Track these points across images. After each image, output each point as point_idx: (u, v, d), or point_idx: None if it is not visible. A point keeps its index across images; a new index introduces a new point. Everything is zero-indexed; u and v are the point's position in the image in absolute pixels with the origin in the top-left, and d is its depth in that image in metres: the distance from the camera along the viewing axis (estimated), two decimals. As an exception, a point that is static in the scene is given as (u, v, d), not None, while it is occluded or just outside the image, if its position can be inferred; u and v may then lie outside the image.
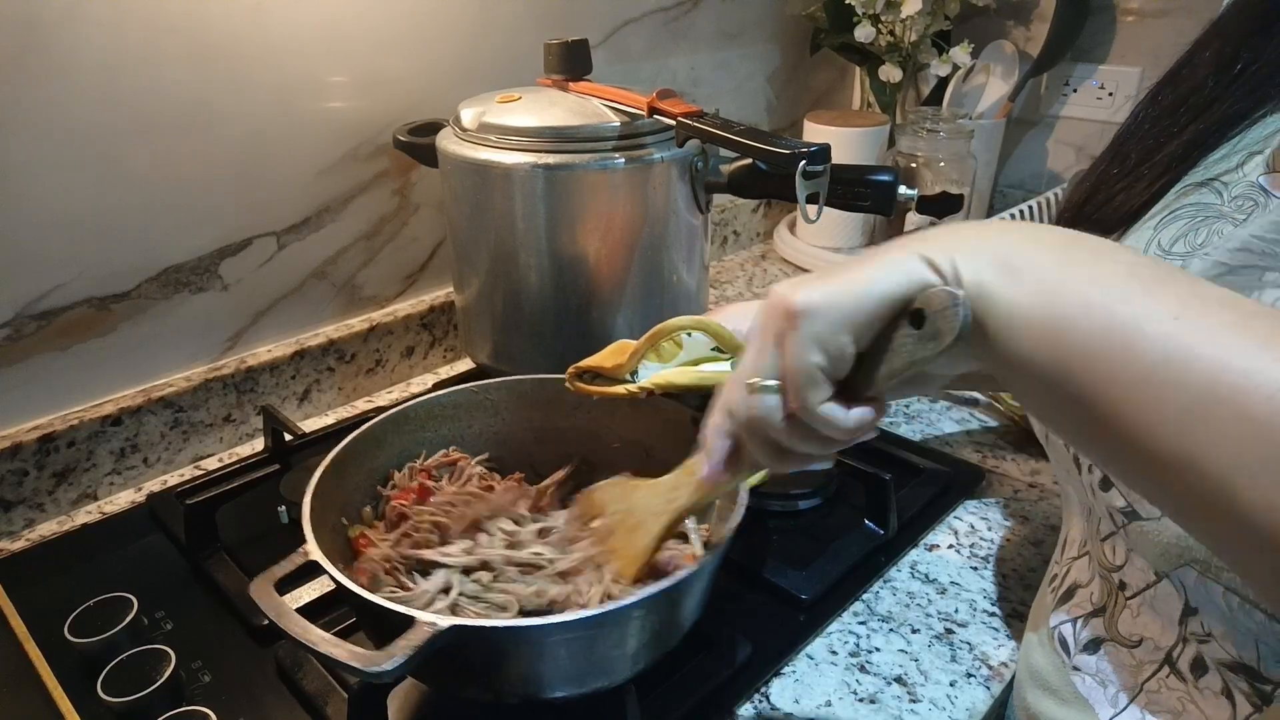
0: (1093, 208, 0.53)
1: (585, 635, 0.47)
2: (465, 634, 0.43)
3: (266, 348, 0.87)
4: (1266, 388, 0.27)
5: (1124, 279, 0.32)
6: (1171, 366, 0.29)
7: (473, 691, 0.51)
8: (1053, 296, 0.32)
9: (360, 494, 0.61)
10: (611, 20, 1.06)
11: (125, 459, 0.78)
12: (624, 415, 0.66)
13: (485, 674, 0.48)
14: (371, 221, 0.91)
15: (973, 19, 1.29)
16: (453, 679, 0.51)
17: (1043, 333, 0.32)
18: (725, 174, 0.79)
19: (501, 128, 0.75)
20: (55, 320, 0.73)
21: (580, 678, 0.49)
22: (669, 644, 0.52)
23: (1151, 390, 0.30)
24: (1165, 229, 0.47)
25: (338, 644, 0.43)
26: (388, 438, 0.63)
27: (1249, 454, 0.28)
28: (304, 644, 0.43)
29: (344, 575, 0.47)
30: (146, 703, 0.54)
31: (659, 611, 0.49)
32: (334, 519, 0.57)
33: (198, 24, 0.74)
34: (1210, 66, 0.49)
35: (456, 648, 0.43)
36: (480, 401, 0.67)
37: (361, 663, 0.41)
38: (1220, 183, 0.46)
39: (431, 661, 0.42)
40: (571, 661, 0.48)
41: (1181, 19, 1.14)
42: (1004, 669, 0.59)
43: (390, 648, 0.41)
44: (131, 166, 0.74)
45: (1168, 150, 0.50)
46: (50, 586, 0.66)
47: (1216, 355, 0.29)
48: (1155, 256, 0.47)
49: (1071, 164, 1.33)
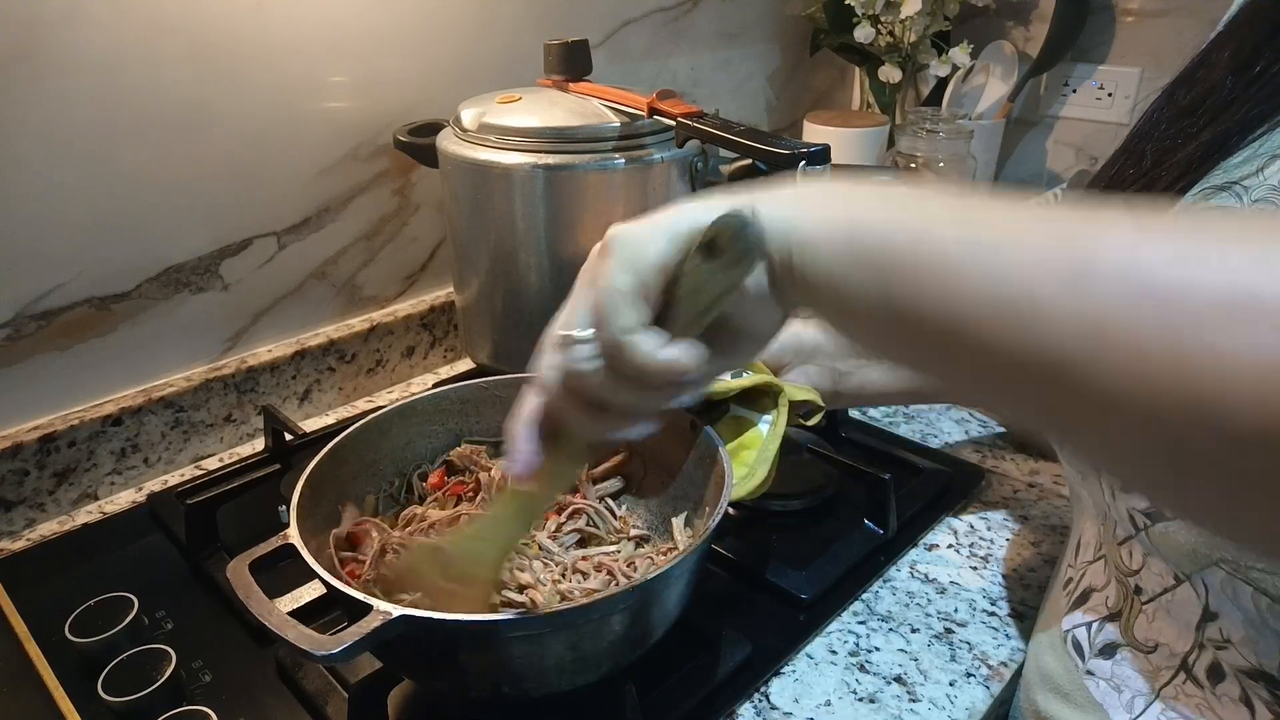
0: None
1: (537, 634, 0.46)
2: (414, 624, 0.43)
3: (267, 348, 0.87)
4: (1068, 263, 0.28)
5: (906, 193, 0.35)
6: (967, 251, 0.30)
7: (443, 683, 0.51)
8: (848, 211, 0.35)
9: (360, 484, 0.61)
10: (611, 20, 1.06)
11: (126, 459, 0.78)
12: None
13: (447, 665, 0.49)
14: (372, 221, 0.91)
15: (972, 19, 1.29)
16: (421, 670, 0.51)
17: (845, 245, 0.34)
18: (725, 174, 0.79)
19: (502, 128, 0.75)
20: (55, 320, 0.73)
21: (542, 675, 0.49)
22: (643, 645, 0.51)
23: (952, 278, 0.31)
24: None
25: (293, 626, 0.44)
26: (393, 429, 0.63)
27: (1076, 328, 0.27)
28: (265, 624, 0.44)
29: (316, 562, 0.47)
30: (147, 703, 0.54)
31: (625, 611, 0.48)
32: (330, 508, 0.57)
33: (198, 24, 0.74)
34: (1228, 67, 0.48)
35: (411, 638, 0.44)
36: (487, 397, 0.67)
37: (310, 645, 0.43)
38: (1241, 186, 0.45)
39: (392, 650, 0.44)
40: (529, 659, 0.48)
41: (1181, 19, 1.14)
42: (1003, 669, 0.59)
43: (342, 634, 0.43)
44: (131, 166, 0.74)
45: (1185, 152, 0.49)
46: (51, 586, 0.66)
47: (1008, 235, 0.30)
48: None
49: (1071, 164, 1.33)
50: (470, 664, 0.48)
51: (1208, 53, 0.50)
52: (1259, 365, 0.24)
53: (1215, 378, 0.24)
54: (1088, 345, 0.27)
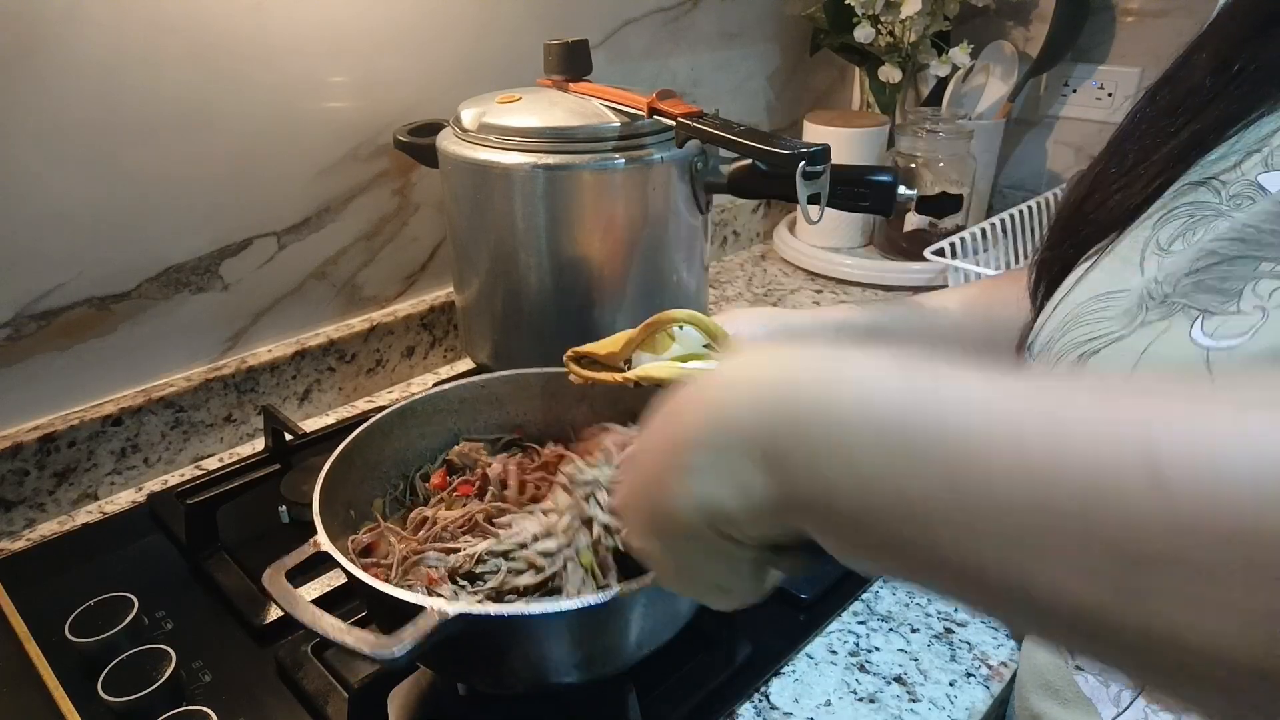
0: (1091, 205, 0.53)
1: (590, 622, 0.47)
2: (472, 621, 0.43)
3: (267, 348, 0.87)
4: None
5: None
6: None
7: (478, 679, 0.51)
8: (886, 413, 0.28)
9: (366, 488, 0.61)
10: (611, 20, 1.06)
11: (126, 459, 0.78)
12: (625, 408, 0.66)
13: (492, 661, 0.49)
14: (371, 221, 0.91)
15: (972, 19, 1.29)
16: (459, 666, 0.51)
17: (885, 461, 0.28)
18: (725, 174, 0.79)
19: (502, 128, 0.75)
20: (55, 320, 0.73)
21: (584, 664, 0.50)
22: (672, 630, 0.52)
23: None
24: (1163, 228, 0.47)
25: (349, 631, 0.43)
26: (394, 431, 0.63)
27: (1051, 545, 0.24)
28: (317, 632, 0.44)
29: (355, 565, 0.47)
30: (147, 703, 0.54)
31: (662, 599, 0.49)
32: (343, 513, 0.57)
33: (198, 24, 0.74)
34: (1208, 68, 0.49)
35: (464, 635, 0.44)
36: (485, 395, 0.67)
37: (372, 648, 0.42)
38: (1219, 181, 0.46)
39: (440, 649, 0.43)
40: (576, 648, 0.49)
41: (1181, 19, 1.14)
42: (1003, 668, 0.59)
43: (400, 633, 0.42)
44: (131, 166, 0.74)
45: (1165, 150, 0.50)
46: (51, 586, 0.66)
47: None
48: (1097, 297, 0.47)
49: (1071, 164, 1.33)
50: (516, 657, 0.48)
51: (1189, 54, 0.51)
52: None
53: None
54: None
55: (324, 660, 0.57)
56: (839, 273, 1.25)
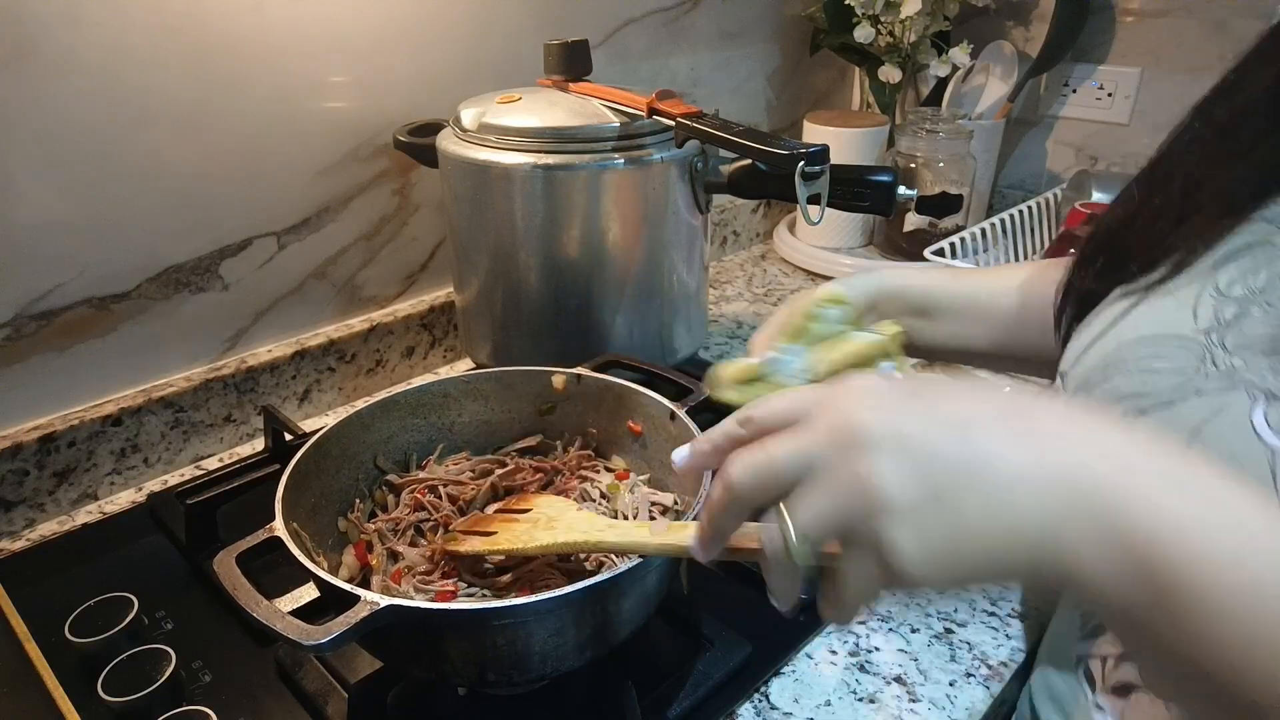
0: (1132, 234, 0.48)
1: (518, 623, 0.47)
2: (401, 613, 0.44)
3: (267, 348, 0.87)
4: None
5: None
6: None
7: (420, 671, 0.52)
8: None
9: (346, 481, 0.62)
10: (611, 20, 1.06)
11: (125, 459, 0.78)
12: (609, 408, 0.66)
13: (431, 653, 0.49)
14: (371, 221, 0.91)
15: (972, 19, 1.29)
16: (407, 660, 0.51)
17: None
18: (725, 174, 0.79)
19: (501, 128, 0.76)
20: (55, 320, 0.73)
21: (521, 664, 0.49)
22: (618, 637, 0.52)
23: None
24: (1223, 270, 0.42)
25: (281, 616, 0.44)
26: (375, 423, 0.64)
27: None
28: (253, 616, 0.44)
29: (304, 556, 0.48)
30: (146, 703, 0.54)
31: (594, 605, 0.49)
32: (313, 502, 0.57)
33: (197, 24, 0.74)
34: (1274, 80, 0.43)
35: (398, 627, 0.44)
36: (469, 391, 0.68)
37: (298, 635, 0.43)
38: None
39: (378, 639, 0.44)
40: (509, 648, 0.48)
41: (1181, 19, 1.14)
42: (1003, 669, 0.59)
43: (330, 623, 0.43)
44: (131, 166, 0.74)
45: (1223, 179, 0.43)
46: (50, 586, 0.66)
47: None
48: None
49: (1071, 164, 1.33)
50: (455, 652, 0.48)
51: (1247, 63, 0.45)
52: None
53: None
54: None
55: (324, 660, 0.57)
56: (839, 273, 1.24)
